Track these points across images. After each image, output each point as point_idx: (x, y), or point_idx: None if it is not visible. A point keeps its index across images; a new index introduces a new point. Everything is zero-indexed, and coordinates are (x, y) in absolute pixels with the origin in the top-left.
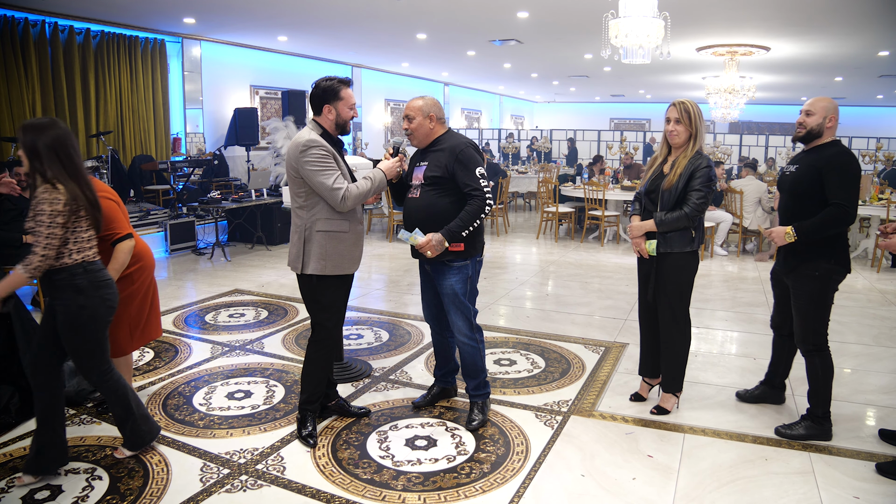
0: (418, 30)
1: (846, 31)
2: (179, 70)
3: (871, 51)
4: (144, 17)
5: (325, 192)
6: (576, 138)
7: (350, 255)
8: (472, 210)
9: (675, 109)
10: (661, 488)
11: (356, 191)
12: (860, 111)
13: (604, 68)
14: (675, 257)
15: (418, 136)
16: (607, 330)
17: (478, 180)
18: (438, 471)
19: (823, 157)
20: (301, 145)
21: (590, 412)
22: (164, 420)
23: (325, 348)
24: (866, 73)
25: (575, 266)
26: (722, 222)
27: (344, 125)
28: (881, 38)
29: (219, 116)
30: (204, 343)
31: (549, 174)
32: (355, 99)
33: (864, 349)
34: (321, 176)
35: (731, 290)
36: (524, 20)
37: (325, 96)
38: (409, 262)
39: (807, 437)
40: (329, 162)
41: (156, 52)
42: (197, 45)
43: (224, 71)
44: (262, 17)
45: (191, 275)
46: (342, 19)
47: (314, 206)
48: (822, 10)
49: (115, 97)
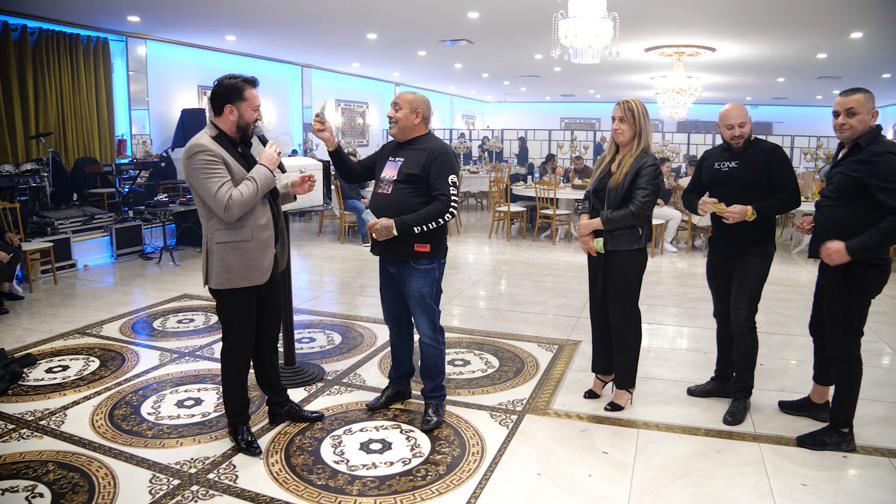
0: (369, 30)
1: (787, 33)
2: (124, 70)
3: (811, 53)
4: (86, 15)
5: (209, 201)
6: (527, 138)
7: (256, 265)
8: (432, 210)
9: (620, 108)
10: (616, 484)
11: (240, 197)
12: (801, 111)
13: (554, 68)
14: (623, 255)
15: (400, 127)
16: (560, 328)
17: (448, 187)
18: (394, 474)
19: (763, 150)
20: (187, 151)
21: (544, 410)
22: (111, 431)
23: (238, 360)
24: (806, 74)
25: (527, 265)
26: (671, 219)
27: (246, 128)
28: (819, 42)
29: (166, 117)
30: (152, 350)
31: (501, 174)
32: (260, 101)
33: (809, 341)
34: (207, 184)
35: (681, 287)
36: (475, 20)
37: (228, 95)
38: (360, 263)
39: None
40: (215, 168)
41: (98, 51)
42: (142, 44)
43: (171, 71)
44: (209, 16)
45: (138, 280)
46: (291, 19)
47: (212, 215)
48: (765, 13)
49: (55, 97)
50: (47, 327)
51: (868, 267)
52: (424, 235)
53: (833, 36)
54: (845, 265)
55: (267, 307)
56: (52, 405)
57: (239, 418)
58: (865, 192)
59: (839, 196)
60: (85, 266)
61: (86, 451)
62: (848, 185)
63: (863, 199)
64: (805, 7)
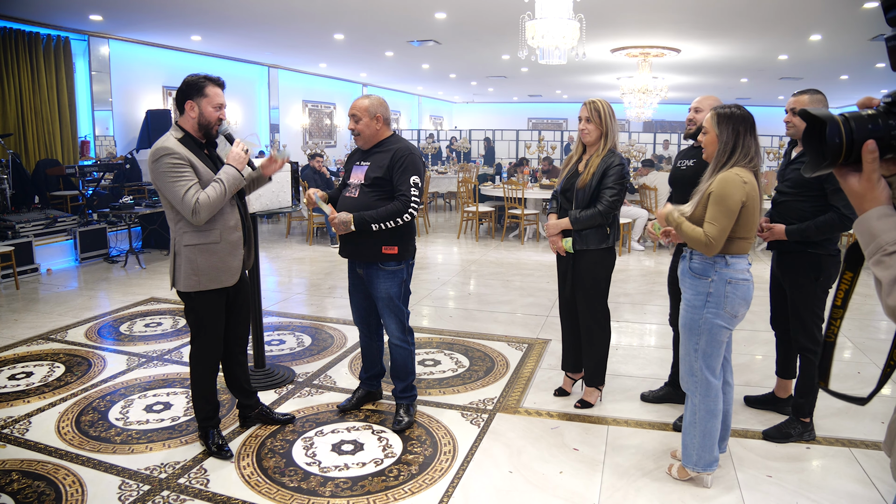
0: (336, 30)
1: (749, 35)
2: (86, 70)
3: (772, 54)
4: (46, 13)
5: (177, 204)
6: (494, 138)
7: (226, 267)
8: (392, 209)
9: (586, 109)
10: (587, 480)
11: (207, 200)
12: (764, 111)
13: (521, 69)
14: (592, 254)
15: (365, 137)
16: (530, 327)
17: (409, 188)
18: (366, 475)
19: None
20: (152, 154)
21: (515, 409)
22: (77, 438)
23: (207, 363)
24: (768, 75)
25: (496, 265)
26: (638, 218)
27: (209, 127)
28: (780, 43)
29: (130, 118)
30: (119, 355)
31: (469, 174)
32: (224, 100)
33: (773, 336)
34: (174, 188)
35: (649, 284)
36: (442, 21)
37: (189, 91)
38: (329, 265)
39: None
40: (182, 171)
41: (60, 51)
42: (105, 44)
43: (135, 71)
44: (173, 15)
45: (103, 284)
46: (258, 19)
47: (180, 218)
48: (726, 15)
49: (14, 98)
50: (9, 333)
51: (829, 257)
52: (392, 237)
53: (793, 38)
54: (812, 259)
55: (235, 309)
56: (15, 413)
57: (209, 422)
58: (821, 188)
59: (797, 192)
60: (48, 270)
61: (52, 458)
62: (804, 182)
63: (819, 194)
64: (764, 10)
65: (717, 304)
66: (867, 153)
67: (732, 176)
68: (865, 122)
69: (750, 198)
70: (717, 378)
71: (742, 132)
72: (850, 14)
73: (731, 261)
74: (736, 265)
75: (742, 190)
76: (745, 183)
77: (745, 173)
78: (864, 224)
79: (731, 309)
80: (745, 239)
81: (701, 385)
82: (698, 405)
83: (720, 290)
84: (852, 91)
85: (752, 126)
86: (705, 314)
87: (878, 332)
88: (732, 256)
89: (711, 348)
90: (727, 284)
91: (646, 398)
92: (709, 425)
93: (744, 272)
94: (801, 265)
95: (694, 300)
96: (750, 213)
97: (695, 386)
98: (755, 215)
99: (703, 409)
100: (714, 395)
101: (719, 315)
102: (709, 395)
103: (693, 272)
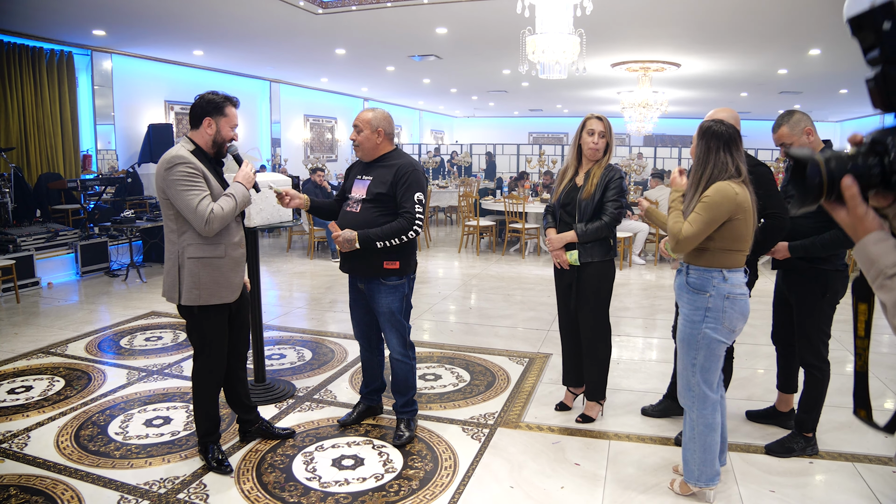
0: (337, 45)
1: (749, 49)
2: (89, 84)
3: (772, 69)
4: (49, 28)
5: (188, 214)
6: (495, 152)
7: (228, 283)
8: (396, 226)
9: (602, 124)
10: (588, 495)
11: (220, 212)
12: (764, 125)
13: (522, 83)
14: (596, 266)
15: (364, 149)
16: (531, 341)
17: (413, 204)
18: (367, 490)
19: None
20: (166, 162)
21: (516, 423)
22: (77, 452)
23: (211, 379)
24: (768, 89)
25: (497, 279)
26: (639, 232)
27: (221, 145)
28: (780, 58)
29: (132, 132)
30: (119, 369)
31: (470, 188)
32: (238, 121)
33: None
34: (186, 196)
35: (650, 298)
36: (443, 36)
37: (208, 108)
38: (330, 279)
39: None
40: (196, 180)
41: (63, 65)
42: (108, 59)
43: (137, 85)
44: (176, 30)
45: (104, 297)
46: (259, 34)
47: (185, 230)
48: (726, 30)
49: (17, 111)
50: (9, 347)
51: (836, 272)
52: (393, 252)
53: (792, 52)
54: (819, 274)
55: (235, 325)
56: (14, 427)
57: (209, 437)
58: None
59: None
60: (49, 284)
61: (50, 473)
62: None
63: (821, 210)
64: (764, 24)
65: (715, 319)
66: (845, 189)
67: (727, 188)
68: (845, 163)
69: (742, 210)
70: (714, 392)
71: (714, 148)
72: (848, 29)
73: (728, 275)
74: (733, 280)
75: (732, 202)
76: (737, 194)
77: (737, 186)
78: (862, 250)
79: (730, 324)
80: (740, 252)
81: (698, 399)
82: (696, 420)
83: (718, 305)
84: (852, 105)
85: (728, 142)
86: (704, 329)
87: (881, 345)
88: (730, 271)
89: (709, 363)
90: (725, 299)
91: (647, 412)
92: (708, 439)
93: (741, 286)
94: (808, 281)
95: (692, 315)
96: (743, 226)
97: (692, 401)
98: (749, 228)
99: (702, 424)
100: (711, 409)
101: (718, 330)
102: (706, 408)
103: (691, 287)
